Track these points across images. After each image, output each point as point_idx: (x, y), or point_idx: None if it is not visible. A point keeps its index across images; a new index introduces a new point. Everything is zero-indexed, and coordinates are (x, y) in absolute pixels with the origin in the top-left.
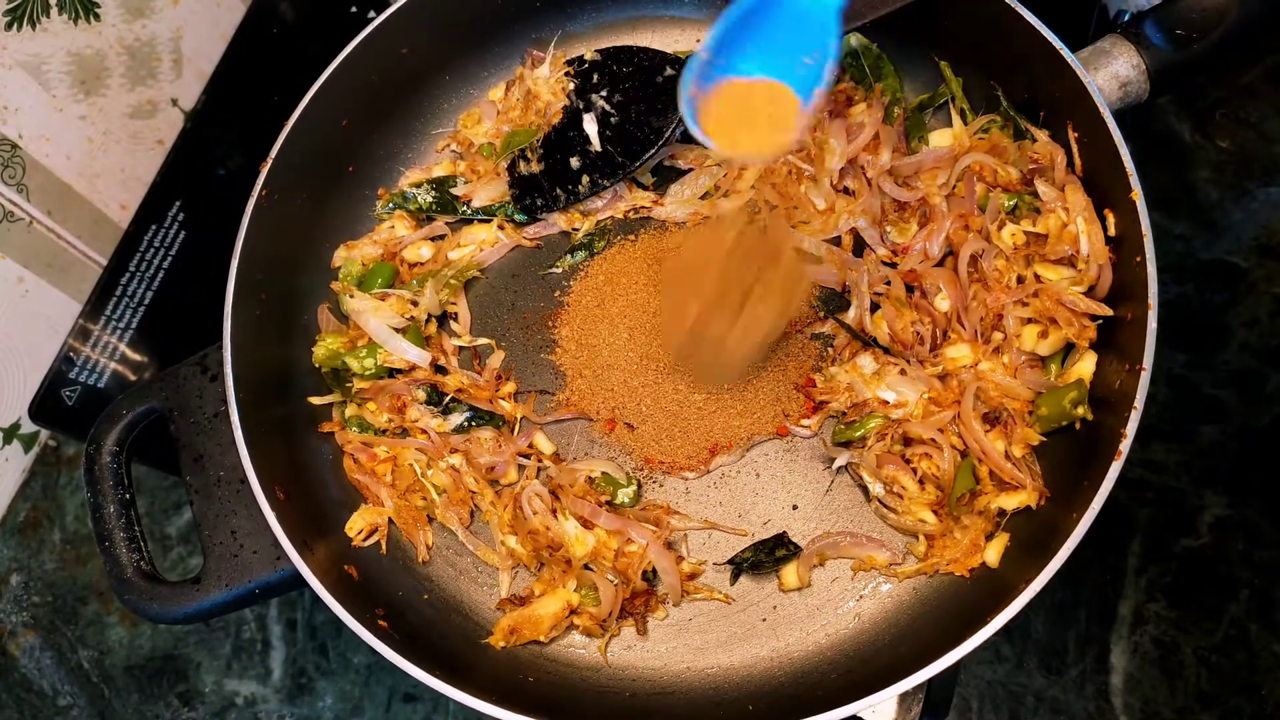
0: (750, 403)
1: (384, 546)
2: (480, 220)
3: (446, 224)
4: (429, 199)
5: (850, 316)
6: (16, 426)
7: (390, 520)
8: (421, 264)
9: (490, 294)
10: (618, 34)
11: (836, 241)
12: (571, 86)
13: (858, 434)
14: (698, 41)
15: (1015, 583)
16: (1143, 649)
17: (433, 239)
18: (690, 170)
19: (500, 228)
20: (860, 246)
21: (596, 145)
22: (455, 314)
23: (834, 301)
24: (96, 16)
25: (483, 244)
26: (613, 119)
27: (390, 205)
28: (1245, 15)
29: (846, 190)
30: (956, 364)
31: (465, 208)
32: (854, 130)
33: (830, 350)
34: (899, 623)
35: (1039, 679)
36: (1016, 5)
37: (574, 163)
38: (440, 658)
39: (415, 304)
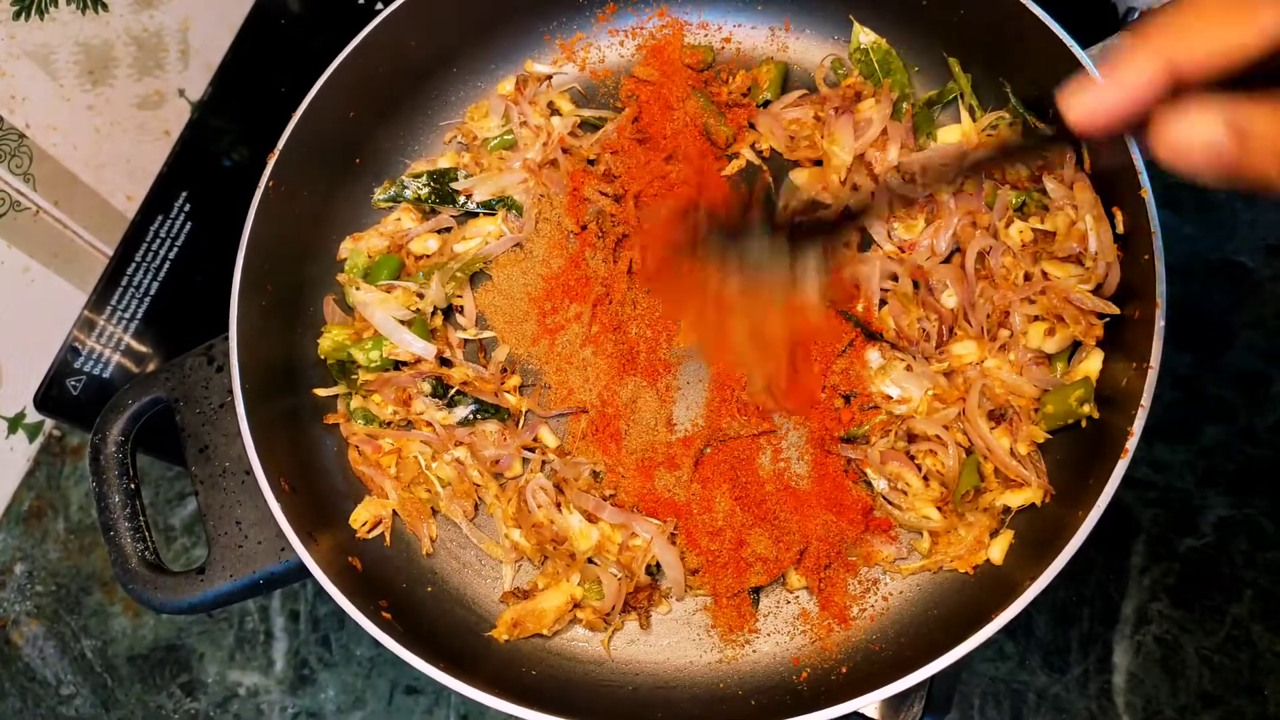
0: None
1: (388, 539)
2: (486, 214)
3: (452, 217)
4: (425, 190)
5: (857, 311)
6: (21, 416)
7: (394, 512)
8: (427, 256)
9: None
10: (623, 28)
11: None
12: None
13: (862, 430)
14: (703, 37)
15: (1019, 580)
16: (1145, 648)
17: (439, 231)
18: None
19: (505, 221)
20: (867, 242)
21: None
22: (461, 307)
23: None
24: (104, 7)
25: (489, 237)
26: None
27: (389, 194)
28: None
29: (854, 186)
30: (962, 361)
31: (465, 200)
32: (862, 126)
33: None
34: (902, 619)
35: (1041, 677)
36: (1026, 2)
37: None
38: (443, 650)
39: (421, 296)
